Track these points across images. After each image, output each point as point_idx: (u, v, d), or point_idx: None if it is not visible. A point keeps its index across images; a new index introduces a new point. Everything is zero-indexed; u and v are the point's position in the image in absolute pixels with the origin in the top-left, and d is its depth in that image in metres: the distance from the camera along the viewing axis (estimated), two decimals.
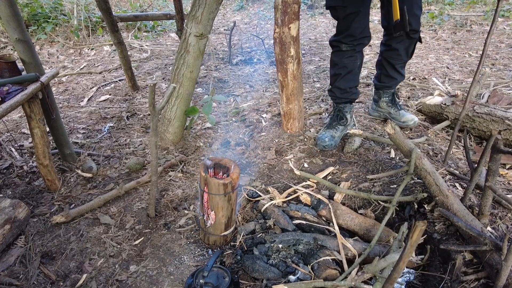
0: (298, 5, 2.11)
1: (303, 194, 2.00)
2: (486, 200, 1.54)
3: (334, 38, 2.28)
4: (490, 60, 3.88)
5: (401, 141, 1.80)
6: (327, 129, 2.47)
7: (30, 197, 2.10)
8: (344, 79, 2.35)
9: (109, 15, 3.09)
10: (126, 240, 1.81)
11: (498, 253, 1.37)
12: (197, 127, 2.86)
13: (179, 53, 2.30)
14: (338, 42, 2.25)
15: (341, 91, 2.40)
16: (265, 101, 3.21)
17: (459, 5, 6.20)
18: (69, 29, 5.18)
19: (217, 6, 2.14)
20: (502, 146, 1.40)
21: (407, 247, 0.95)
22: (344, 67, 2.30)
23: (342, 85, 2.37)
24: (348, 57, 2.27)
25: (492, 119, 2.23)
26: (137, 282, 1.59)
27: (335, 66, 2.35)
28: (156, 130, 1.70)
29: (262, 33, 5.50)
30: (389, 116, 2.60)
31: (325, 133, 2.43)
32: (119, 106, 3.32)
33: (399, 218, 1.90)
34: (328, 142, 2.38)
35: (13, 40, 1.88)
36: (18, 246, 1.76)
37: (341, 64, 2.31)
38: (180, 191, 2.14)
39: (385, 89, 2.56)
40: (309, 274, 1.57)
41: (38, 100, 1.92)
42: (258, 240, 1.74)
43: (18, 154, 2.56)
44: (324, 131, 2.46)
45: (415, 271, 1.63)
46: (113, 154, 2.52)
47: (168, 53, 4.83)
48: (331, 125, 2.47)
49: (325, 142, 2.37)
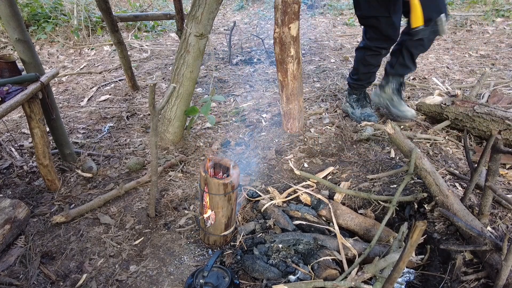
0: (298, 5, 2.11)
1: (303, 194, 2.00)
2: (486, 200, 1.54)
3: (375, 44, 2.46)
4: (490, 60, 3.88)
5: (401, 141, 1.80)
6: (362, 108, 2.75)
7: (30, 197, 2.10)
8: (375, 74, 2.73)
9: (109, 15, 3.09)
10: (126, 240, 1.81)
11: (498, 253, 1.37)
12: (197, 127, 2.86)
13: (179, 53, 2.30)
14: (379, 48, 2.47)
15: (368, 81, 2.75)
16: (265, 101, 3.21)
17: (459, 5, 6.20)
18: (69, 29, 5.18)
19: (217, 6, 2.14)
20: (502, 146, 1.40)
21: (407, 247, 0.95)
22: (377, 66, 2.64)
23: (372, 78, 2.74)
24: (382, 57, 2.59)
25: (492, 119, 2.23)
26: (137, 282, 1.59)
27: (370, 66, 2.60)
28: (156, 130, 1.70)
29: (262, 33, 5.50)
30: (389, 103, 2.64)
31: (365, 111, 2.72)
32: (119, 106, 3.32)
33: (399, 218, 1.90)
34: (375, 117, 2.70)
35: (13, 40, 1.88)
36: (18, 246, 1.76)
37: (376, 64, 2.61)
38: (180, 191, 2.14)
39: (396, 76, 2.63)
40: (309, 274, 1.57)
41: (38, 100, 1.92)
42: (258, 240, 1.74)
43: (18, 154, 2.56)
44: (362, 110, 2.74)
45: (415, 271, 1.63)
46: (113, 154, 2.52)
47: (168, 53, 4.83)
48: (364, 104, 2.76)
49: (374, 116, 2.70)
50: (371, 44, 2.47)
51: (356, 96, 2.79)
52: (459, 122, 2.42)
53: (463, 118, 2.37)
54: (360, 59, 2.60)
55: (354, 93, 2.79)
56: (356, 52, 2.65)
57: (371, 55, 2.52)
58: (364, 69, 2.62)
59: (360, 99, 2.78)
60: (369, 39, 2.48)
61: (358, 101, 2.78)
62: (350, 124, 2.70)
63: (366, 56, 2.54)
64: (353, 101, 2.80)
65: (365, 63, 2.58)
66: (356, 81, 2.73)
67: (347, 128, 2.64)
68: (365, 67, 2.60)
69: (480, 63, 3.82)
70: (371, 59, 2.54)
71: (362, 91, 2.78)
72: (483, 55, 4.04)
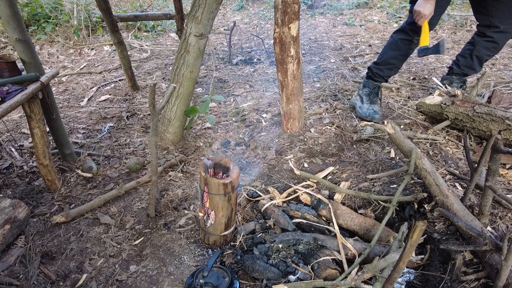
0: (298, 5, 2.11)
1: (303, 194, 2.00)
2: (486, 200, 1.54)
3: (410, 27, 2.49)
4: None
5: (401, 141, 1.80)
6: (371, 104, 2.71)
7: (30, 197, 2.10)
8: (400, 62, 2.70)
9: (109, 15, 3.09)
10: (126, 240, 1.81)
11: (498, 253, 1.37)
12: (197, 127, 2.86)
13: (179, 53, 2.30)
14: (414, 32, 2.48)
15: (389, 73, 2.73)
16: (265, 101, 3.21)
17: (459, 5, 6.20)
18: (69, 29, 5.17)
19: (217, 6, 2.14)
20: (502, 146, 1.40)
21: (407, 247, 0.95)
22: (404, 56, 2.65)
23: (392, 72, 2.75)
24: (412, 49, 2.60)
25: (492, 119, 2.23)
26: (137, 282, 1.59)
27: (396, 51, 2.62)
28: (156, 130, 1.70)
29: (262, 33, 5.50)
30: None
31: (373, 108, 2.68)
32: (119, 106, 3.32)
33: (399, 218, 1.90)
34: (379, 116, 2.66)
35: (13, 40, 1.88)
36: (18, 246, 1.76)
37: (404, 52, 2.62)
38: (180, 191, 2.14)
39: (460, 76, 2.70)
40: (309, 274, 1.57)
41: (38, 100, 1.92)
42: (258, 240, 1.74)
43: (18, 154, 2.56)
44: (370, 105, 2.70)
45: (415, 271, 1.63)
46: (113, 154, 2.52)
47: (168, 53, 4.83)
48: (374, 101, 2.72)
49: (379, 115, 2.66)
50: (406, 27, 2.53)
51: (369, 90, 2.78)
52: (459, 122, 2.42)
53: (463, 118, 2.38)
54: (391, 42, 2.66)
55: (369, 85, 2.79)
56: (391, 36, 2.71)
57: (402, 40, 2.57)
58: (390, 53, 2.65)
59: (372, 93, 2.77)
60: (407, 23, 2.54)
61: (369, 95, 2.77)
62: (350, 124, 2.70)
63: (398, 39, 2.59)
64: (364, 94, 2.80)
65: (393, 47, 2.62)
66: (377, 66, 2.74)
67: (347, 128, 2.64)
68: (393, 51, 2.63)
69: None
70: (402, 43, 2.58)
71: (377, 85, 2.77)
72: None
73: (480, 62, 2.62)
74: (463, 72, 2.69)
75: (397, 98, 3.07)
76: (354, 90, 3.28)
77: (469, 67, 2.65)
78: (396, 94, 3.16)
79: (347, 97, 3.16)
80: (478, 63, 2.61)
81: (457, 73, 2.72)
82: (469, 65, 2.64)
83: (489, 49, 2.53)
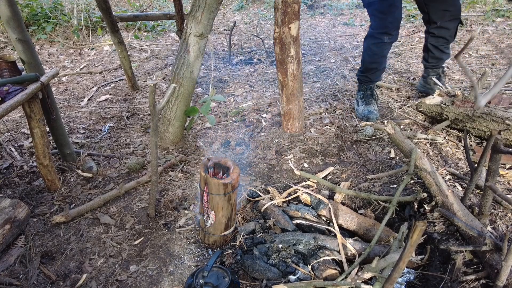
0: (298, 5, 2.11)
1: (303, 194, 2.00)
2: (486, 200, 1.54)
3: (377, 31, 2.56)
4: (490, 60, 3.88)
5: (401, 141, 1.80)
6: (366, 105, 2.75)
7: (30, 197, 2.10)
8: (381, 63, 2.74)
9: (109, 15, 3.09)
10: (126, 240, 1.81)
11: (498, 253, 1.37)
12: (197, 127, 2.86)
13: (179, 53, 2.30)
14: (381, 34, 2.54)
15: (375, 75, 2.78)
16: (265, 101, 3.21)
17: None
18: (69, 29, 5.17)
19: (217, 6, 2.14)
20: (502, 146, 1.40)
21: (407, 247, 0.95)
22: (382, 57, 2.69)
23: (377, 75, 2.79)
24: (387, 48, 2.65)
25: (492, 119, 2.23)
26: (137, 282, 1.59)
27: (374, 56, 2.67)
28: (156, 130, 1.70)
29: (262, 33, 5.50)
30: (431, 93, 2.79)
31: (367, 109, 2.73)
32: (119, 106, 3.32)
33: (399, 218, 1.90)
34: (375, 115, 2.69)
35: (13, 40, 1.88)
36: (18, 246, 1.76)
37: (380, 53, 2.66)
38: (180, 191, 2.14)
39: (433, 68, 2.88)
40: (309, 274, 1.57)
41: (38, 100, 1.92)
42: (258, 240, 1.74)
43: (18, 154, 2.56)
44: (365, 107, 2.75)
45: (415, 271, 1.63)
46: (113, 154, 2.52)
47: (168, 53, 4.83)
48: (368, 102, 2.77)
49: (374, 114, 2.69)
50: (371, 33, 2.61)
51: (362, 92, 2.83)
52: (459, 122, 2.42)
53: (463, 118, 2.37)
54: (365, 49, 2.72)
55: (362, 88, 2.84)
56: (363, 44, 2.77)
57: (375, 44, 2.62)
58: (368, 60, 2.71)
59: (366, 95, 2.82)
60: (372, 27, 2.61)
61: (363, 97, 2.82)
62: (350, 124, 2.70)
63: (370, 44, 2.66)
64: (359, 97, 2.85)
65: (369, 53, 2.68)
66: (362, 73, 2.80)
67: (347, 128, 2.65)
68: (369, 57, 2.69)
69: (480, 63, 3.82)
70: (375, 47, 2.63)
71: (369, 87, 2.82)
72: (483, 55, 4.04)
73: (441, 51, 2.77)
74: (432, 64, 2.87)
75: (397, 98, 3.07)
76: (354, 90, 3.28)
77: (434, 58, 2.83)
78: (396, 94, 3.16)
79: (347, 97, 3.17)
80: (439, 51, 2.77)
81: (428, 66, 2.90)
82: (433, 56, 2.81)
83: (439, 41, 2.71)
